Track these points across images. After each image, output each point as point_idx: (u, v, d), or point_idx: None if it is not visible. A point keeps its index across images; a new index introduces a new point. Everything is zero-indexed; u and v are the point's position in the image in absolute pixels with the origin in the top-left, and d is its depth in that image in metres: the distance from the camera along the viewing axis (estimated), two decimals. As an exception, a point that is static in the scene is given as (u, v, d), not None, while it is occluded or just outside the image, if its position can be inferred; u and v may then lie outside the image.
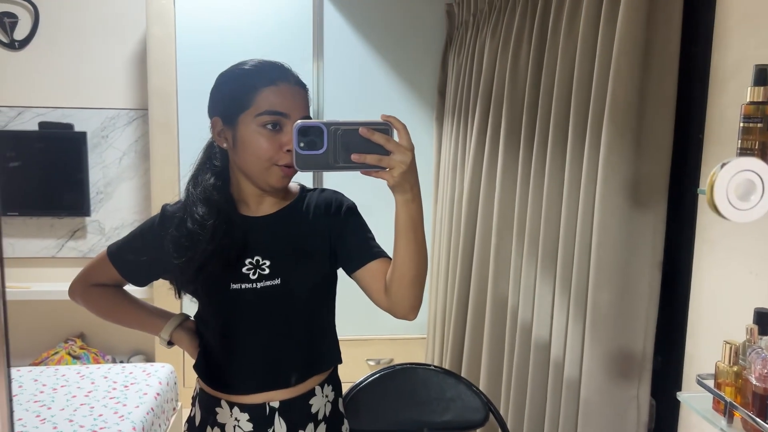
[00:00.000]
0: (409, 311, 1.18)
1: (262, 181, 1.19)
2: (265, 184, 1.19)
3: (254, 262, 1.21)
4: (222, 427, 1.25)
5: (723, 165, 0.70)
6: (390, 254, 1.20)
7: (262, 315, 1.23)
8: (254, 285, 1.21)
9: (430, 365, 1.77)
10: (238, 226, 1.21)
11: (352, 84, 3.00)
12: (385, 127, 1.02)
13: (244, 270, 1.21)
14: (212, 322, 1.28)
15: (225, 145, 1.21)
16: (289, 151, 1.14)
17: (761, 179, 0.69)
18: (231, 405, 1.24)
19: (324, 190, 1.33)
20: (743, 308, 1.09)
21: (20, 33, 3.08)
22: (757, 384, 0.91)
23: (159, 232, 1.27)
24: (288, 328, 1.24)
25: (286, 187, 1.27)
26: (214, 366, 1.27)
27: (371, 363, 3.06)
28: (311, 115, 1.24)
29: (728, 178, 0.69)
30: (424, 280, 1.17)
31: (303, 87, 1.22)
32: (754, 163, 0.69)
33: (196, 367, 1.32)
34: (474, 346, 2.32)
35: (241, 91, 1.17)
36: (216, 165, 1.27)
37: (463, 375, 2.29)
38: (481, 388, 2.12)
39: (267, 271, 1.21)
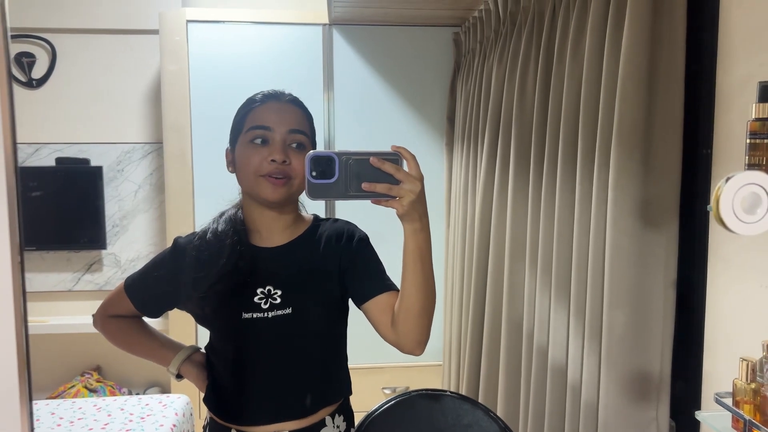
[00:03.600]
0: (416, 345, 1.17)
1: (257, 195, 1.22)
2: (261, 198, 1.22)
3: (266, 291, 1.22)
4: None
5: (728, 179, 0.71)
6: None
7: (274, 344, 1.23)
8: (266, 314, 1.21)
9: (445, 391, 1.76)
10: (251, 255, 1.23)
11: (362, 113, 3.04)
12: (394, 157, 1.04)
13: (255, 299, 1.21)
14: (224, 351, 1.28)
15: (231, 169, 1.27)
16: (273, 161, 1.17)
17: (767, 192, 0.69)
18: None
19: (337, 220, 1.34)
20: (760, 324, 1.08)
21: (38, 72, 3.16)
22: (776, 401, 0.90)
23: (171, 264, 1.30)
24: (300, 358, 1.24)
25: (295, 210, 1.29)
26: (225, 396, 1.27)
27: (387, 391, 3.03)
28: (320, 142, 1.27)
29: (733, 191, 0.69)
30: (431, 314, 1.16)
31: (296, 104, 1.26)
32: (759, 176, 0.70)
33: (206, 400, 1.32)
34: (490, 371, 2.30)
35: (239, 117, 1.25)
36: (240, 201, 1.32)
37: (480, 401, 2.26)
38: (498, 413, 2.10)
39: (278, 300, 1.22)
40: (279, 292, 1.22)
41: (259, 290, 1.22)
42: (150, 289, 1.34)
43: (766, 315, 1.10)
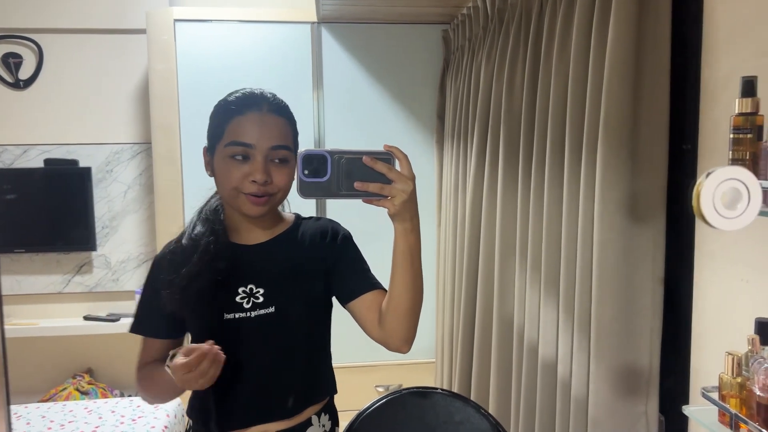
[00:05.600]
0: (403, 343, 1.17)
1: (236, 209, 1.19)
2: (240, 213, 1.19)
3: (248, 290, 1.20)
4: None
5: (708, 174, 0.71)
6: (385, 286, 1.20)
7: (258, 344, 1.21)
8: (248, 314, 1.19)
9: (436, 388, 1.76)
10: (230, 253, 1.20)
11: (351, 111, 3.04)
12: (387, 156, 1.03)
13: (237, 299, 1.20)
14: None
15: (209, 173, 1.23)
16: (254, 181, 1.13)
17: (747, 187, 0.69)
18: None
19: (320, 218, 1.33)
20: (747, 318, 1.08)
21: (25, 72, 3.14)
22: (761, 394, 0.90)
23: (153, 278, 1.26)
24: (284, 357, 1.23)
25: (268, 215, 1.24)
26: (209, 399, 1.24)
27: (380, 389, 3.03)
28: (309, 141, 1.25)
29: (714, 186, 0.70)
30: (418, 312, 1.16)
31: (280, 115, 1.19)
32: (739, 171, 0.70)
33: (190, 410, 1.29)
34: (482, 369, 2.31)
35: (218, 122, 1.19)
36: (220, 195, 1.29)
37: (472, 398, 2.27)
38: (490, 410, 2.10)
39: (261, 299, 1.20)
40: (261, 291, 1.20)
41: (240, 289, 1.20)
42: (150, 312, 1.27)
43: (751, 308, 1.11)
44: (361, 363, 3.01)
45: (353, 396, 1.79)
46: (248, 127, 1.15)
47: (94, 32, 3.15)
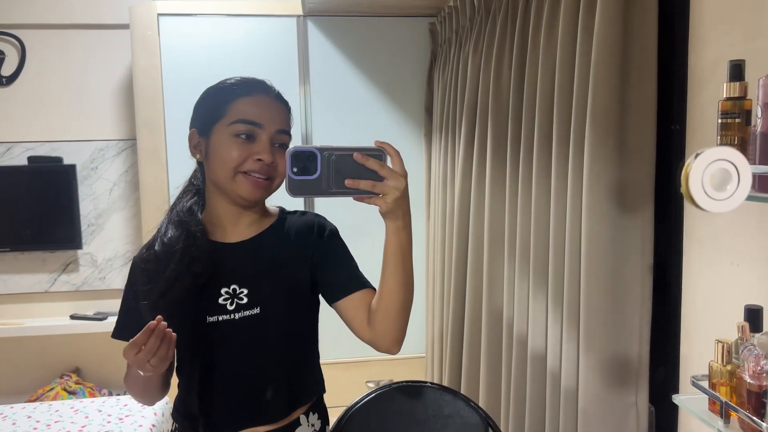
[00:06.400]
0: (393, 344, 1.14)
1: (232, 192, 1.15)
2: (236, 196, 1.15)
3: (231, 291, 1.16)
4: None
5: (697, 155, 0.69)
6: (373, 284, 1.17)
7: (243, 347, 1.18)
8: (232, 316, 1.16)
9: (425, 382, 1.74)
10: (210, 253, 1.15)
11: (339, 106, 3.01)
12: (378, 152, 1.01)
13: (220, 301, 1.16)
14: (189, 359, 1.21)
15: (198, 156, 1.19)
16: (259, 159, 1.12)
17: (736, 168, 0.68)
18: None
19: (305, 212, 1.29)
20: (736, 306, 1.08)
21: (7, 69, 3.09)
22: (751, 382, 0.89)
23: (131, 285, 1.23)
24: (271, 359, 1.20)
25: (262, 204, 1.23)
26: (194, 404, 1.20)
27: (371, 385, 3.02)
28: (296, 137, 1.22)
29: (703, 167, 0.68)
30: (409, 312, 1.13)
31: (282, 102, 1.20)
32: (728, 152, 0.69)
33: (175, 412, 1.26)
34: (472, 362, 2.30)
35: (218, 101, 1.16)
36: (196, 188, 1.25)
37: (462, 391, 2.26)
38: (480, 403, 2.09)
39: (245, 300, 1.16)
40: (245, 291, 1.16)
41: (223, 290, 1.16)
42: (131, 317, 1.22)
43: (741, 296, 1.10)
44: (351, 359, 2.99)
45: (344, 393, 1.77)
46: (256, 106, 1.14)
47: (77, 27, 3.10)
